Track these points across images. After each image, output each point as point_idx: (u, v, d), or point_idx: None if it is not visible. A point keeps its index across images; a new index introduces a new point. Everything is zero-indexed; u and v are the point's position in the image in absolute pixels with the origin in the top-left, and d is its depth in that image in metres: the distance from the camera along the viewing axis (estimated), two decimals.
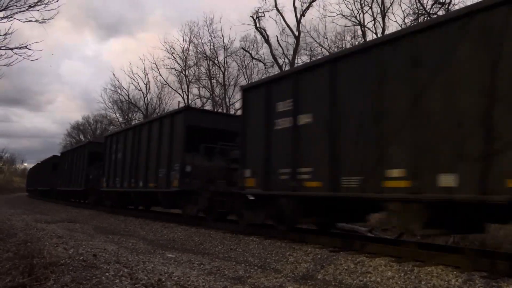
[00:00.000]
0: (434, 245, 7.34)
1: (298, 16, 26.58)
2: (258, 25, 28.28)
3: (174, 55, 34.96)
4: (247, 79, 31.61)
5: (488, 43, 5.15)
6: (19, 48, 8.72)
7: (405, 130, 5.90)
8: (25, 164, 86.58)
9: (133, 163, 15.06)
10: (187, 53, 34.32)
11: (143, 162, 14.15)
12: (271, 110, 8.63)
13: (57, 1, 8.72)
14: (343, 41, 27.22)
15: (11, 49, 8.81)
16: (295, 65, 25.10)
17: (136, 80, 50.51)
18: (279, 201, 8.33)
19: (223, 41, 33.67)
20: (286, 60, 28.09)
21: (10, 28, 9.33)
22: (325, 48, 27.39)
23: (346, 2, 25.47)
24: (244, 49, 30.87)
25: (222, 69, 32.71)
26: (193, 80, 34.62)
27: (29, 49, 8.71)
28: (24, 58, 8.77)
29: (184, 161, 11.74)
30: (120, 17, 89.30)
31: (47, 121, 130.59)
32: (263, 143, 8.71)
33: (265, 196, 8.71)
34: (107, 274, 5.31)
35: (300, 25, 26.81)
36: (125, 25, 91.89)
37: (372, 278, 5.60)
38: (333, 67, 7.29)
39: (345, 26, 26.59)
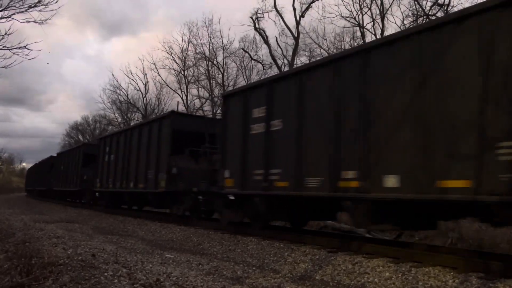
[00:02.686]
0: (432, 246, 7.37)
1: (298, 17, 26.62)
2: (257, 26, 28.30)
3: (173, 55, 34.99)
4: (246, 80, 31.62)
5: None
6: (18, 48, 8.72)
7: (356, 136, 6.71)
8: (24, 164, 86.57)
9: (124, 164, 15.92)
10: (186, 54, 34.33)
11: (134, 164, 15.13)
12: (247, 116, 9.32)
13: (56, 1, 8.71)
14: (342, 42, 27.24)
15: (10, 49, 8.81)
16: (294, 66, 25.14)
17: (135, 81, 50.60)
18: (253, 200, 8.94)
19: (222, 42, 33.62)
20: (286, 61, 28.11)
21: (10, 28, 9.36)
22: (324, 49, 27.41)
23: (345, 3, 25.51)
24: (243, 49, 30.88)
25: (221, 69, 32.69)
26: (192, 81, 34.59)
27: (28, 49, 8.71)
28: (23, 58, 8.76)
29: (170, 163, 12.40)
30: (124, 17, 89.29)
31: (47, 121, 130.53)
32: (241, 146, 9.39)
33: (243, 196, 9.35)
34: (105, 274, 5.32)
35: (300, 26, 26.87)
36: (128, 24, 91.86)
37: (370, 279, 5.62)
38: (299, 79, 8.07)
39: (344, 27, 26.62)
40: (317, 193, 7.35)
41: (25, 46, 8.69)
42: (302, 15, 26.51)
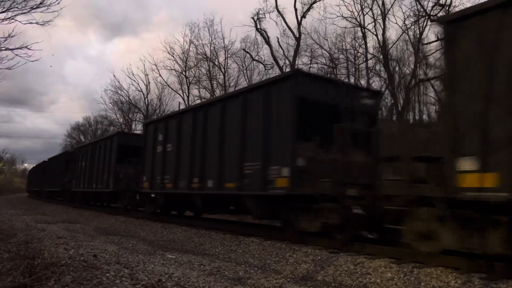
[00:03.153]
0: None
1: (299, 17, 26.66)
2: (258, 26, 28.34)
3: (174, 56, 35.05)
4: (247, 80, 31.64)
5: None
6: (20, 48, 8.74)
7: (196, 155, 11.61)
8: (26, 164, 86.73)
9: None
10: (188, 54, 34.40)
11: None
12: (156, 139, 13.96)
13: (58, 3, 8.73)
14: (344, 43, 27.27)
15: (12, 49, 8.83)
16: (296, 67, 25.14)
17: (137, 81, 50.70)
18: (157, 196, 13.67)
19: (224, 42, 33.75)
20: (287, 62, 28.13)
21: (13, 30, 9.38)
22: (325, 50, 27.45)
23: (346, 3, 25.52)
24: (245, 50, 30.90)
25: (223, 70, 32.74)
26: (193, 81, 34.68)
27: (29, 49, 8.73)
28: (25, 59, 8.79)
29: (116, 170, 17.07)
30: (125, 17, 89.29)
31: (49, 121, 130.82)
32: (151, 159, 13.95)
33: (153, 194, 13.94)
34: (107, 274, 5.32)
35: (301, 26, 26.88)
36: (130, 25, 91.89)
37: (372, 279, 5.61)
38: (180, 117, 12.73)
39: (345, 27, 26.66)
40: (183, 191, 11.81)
41: (26, 46, 8.72)
42: (303, 16, 26.57)
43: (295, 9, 26.58)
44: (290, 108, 8.23)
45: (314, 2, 26.26)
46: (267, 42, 28.55)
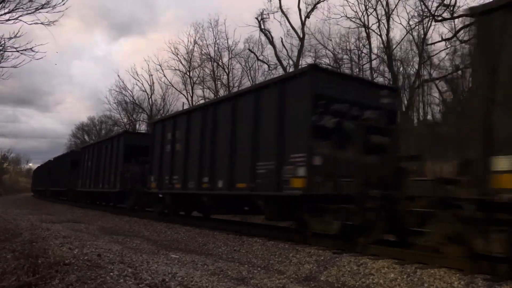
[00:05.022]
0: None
1: (303, 18, 26.65)
2: (262, 26, 28.38)
3: (178, 56, 35.14)
4: (251, 81, 31.65)
5: None
6: (24, 50, 8.80)
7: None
8: (30, 164, 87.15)
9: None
10: (192, 55, 34.48)
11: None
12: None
13: (63, 3, 8.77)
14: (348, 43, 27.23)
15: (18, 50, 8.89)
16: (300, 67, 25.11)
17: (141, 82, 50.79)
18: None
19: (228, 43, 33.74)
20: (291, 62, 28.13)
21: (19, 31, 9.42)
22: (329, 50, 27.43)
23: (350, 4, 25.48)
24: (250, 50, 30.92)
25: (227, 70, 32.79)
26: (197, 82, 34.75)
27: (33, 51, 8.78)
28: (30, 57, 8.82)
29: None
30: (133, 17, 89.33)
31: (55, 121, 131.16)
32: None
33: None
34: (111, 274, 5.35)
35: (305, 27, 26.87)
36: (137, 25, 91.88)
37: (375, 280, 5.61)
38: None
39: (349, 28, 26.63)
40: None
41: (31, 48, 8.77)
42: (307, 16, 26.58)
43: (299, 10, 26.62)
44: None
45: (318, 2, 26.27)
46: (271, 42, 28.60)
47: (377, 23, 24.36)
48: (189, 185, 11.72)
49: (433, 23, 22.08)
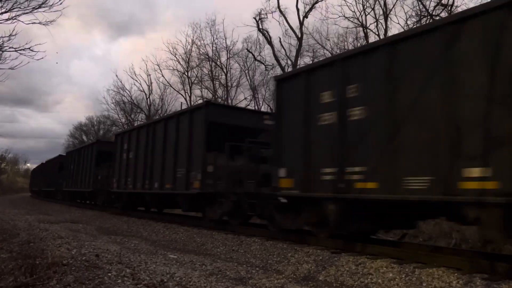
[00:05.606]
0: (436, 247, 7.34)
1: (301, 17, 26.66)
2: (260, 26, 28.38)
3: (176, 56, 35.13)
4: (249, 81, 31.69)
5: None
6: (23, 50, 8.76)
7: None
8: (28, 164, 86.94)
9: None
10: (190, 55, 34.46)
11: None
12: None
13: (61, 3, 8.74)
14: (345, 43, 27.25)
15: (16, 50, 8.86)
16: (298, 67, 25.12)
17: (139, 81, 50.75)
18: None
19: (226, 43, 33.76)
20: (289, 62, 28.14)
21: (14, 30, 9.40)
22: (327, 50, 27.44)
23: (348, 4, 25.51)
24: (248, 50, 30.94)
25: (225, 70, 32.79)
26: (195, 81, 34.73)
27: (32, 50, 8.75)
28: (29, 57, 8.79)
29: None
30: (132, 17, 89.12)
31: (54, 121, 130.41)
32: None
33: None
34: (109, 274, 5.33)
35: (303, 26, 26.88)
36: (136, 24, 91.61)
37: (373, 280, 5.61)
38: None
39: (347, 28, 26.64)
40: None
41: (29, 48, 8.73)
42: (305, 16, 26.58)
43: (297, 9, 26.62)
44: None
45: (316, 2, 26.28)
46: (269, 42, 28.60)
47: (375, 23, 24.39)
48: (137, 186, 14.84)
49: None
